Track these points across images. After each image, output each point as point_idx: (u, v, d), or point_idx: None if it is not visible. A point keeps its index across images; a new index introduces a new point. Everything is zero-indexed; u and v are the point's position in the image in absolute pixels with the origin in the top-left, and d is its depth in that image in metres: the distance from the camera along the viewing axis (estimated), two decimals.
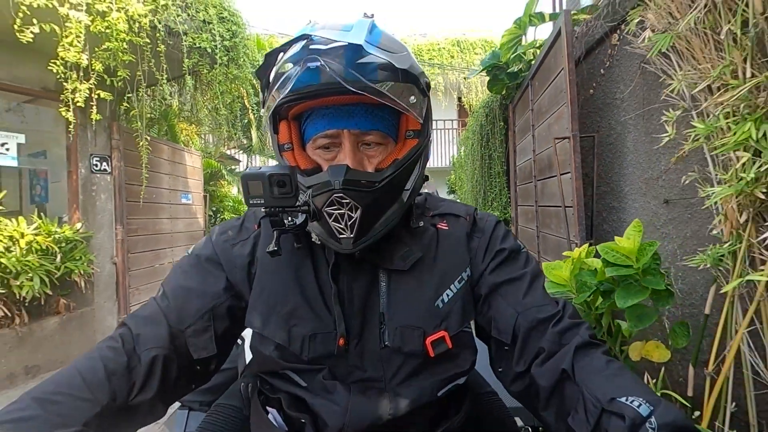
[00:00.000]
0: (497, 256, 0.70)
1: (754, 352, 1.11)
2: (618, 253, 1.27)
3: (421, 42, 11.05)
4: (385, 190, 0.61)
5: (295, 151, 0.67)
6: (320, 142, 0.64)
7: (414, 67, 0.61)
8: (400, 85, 0.59)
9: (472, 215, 0.75)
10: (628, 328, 1.27)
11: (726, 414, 1.14)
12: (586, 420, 0.51)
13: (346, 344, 0.64)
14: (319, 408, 0.63)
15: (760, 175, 1.00)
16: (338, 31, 0.60)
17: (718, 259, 1.14)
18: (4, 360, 3.12)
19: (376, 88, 0.57)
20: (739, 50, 1.07)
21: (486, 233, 0.73)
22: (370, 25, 0.63)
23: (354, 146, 0.63)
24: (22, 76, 3.48)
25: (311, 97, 0.61)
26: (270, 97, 0.62)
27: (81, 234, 3.67)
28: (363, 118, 0.63)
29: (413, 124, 0.66)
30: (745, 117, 1.05)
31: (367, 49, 0.57)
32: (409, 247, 0.68)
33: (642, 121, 1.80)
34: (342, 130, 0.63)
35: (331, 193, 0.58)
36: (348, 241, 0.61)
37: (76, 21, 2.81)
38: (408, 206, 0.67)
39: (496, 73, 3.41)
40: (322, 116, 0.64)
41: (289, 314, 0.65)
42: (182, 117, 5.52)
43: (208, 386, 0.89)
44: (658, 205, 1.71)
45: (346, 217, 0.60)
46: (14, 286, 2.99)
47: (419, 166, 0.66)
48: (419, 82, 0.62)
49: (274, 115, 0.66)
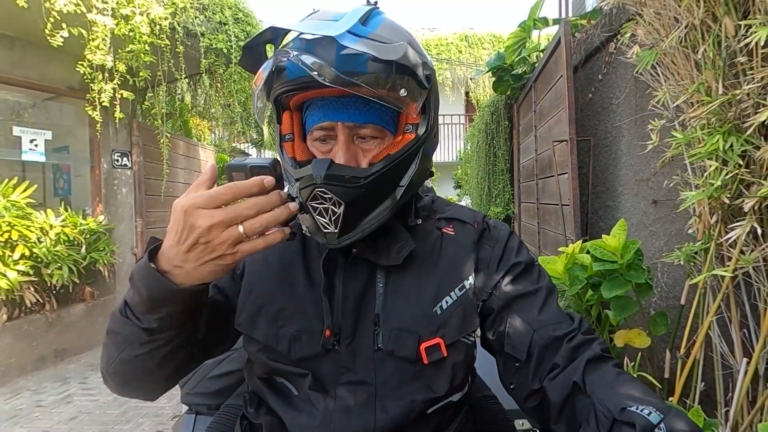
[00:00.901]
0: (513, 269, 0.67)
1: (721, 339, 1.25)
2: (604, 250, 1.41)
3: (429, 37, 11.12)
4: (373, 186, 0.59)
5: (295, 142, 0.66)
6: (316, 134, 0.63)
7: (408, 58, 0.57)
8: (387, 78, 0.56)
9: (482, 222, 0.72)
10: (613, 316, 1.42)
11: (696, 392, 1.28)
12: (598, 431, 0.51)
13: (336, 340, 0.63)
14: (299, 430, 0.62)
15: (726, 182, 1.13)
16: (326, 21, 0.58)
17: (691, 256, 1.28)
18: (35, 343, 3.33)
19: (350, 80, 0.54)
20: (712, 70, 1.20)
21: (500, 243, 0.70)
22: (366, 13, 0.60)
23: (348, 139, 0.61)
24: (49, 75, 3.66)
25: (302, 89, 0.60)
26: (257, 80, 0.61)
27: (104, 226, 3.87)
28: (357, 110, 0.61)
29: (412, 117, 0.62)
30: (716, 129, 1.18)
31: (347, 40, 0.54)
32: (404, 242, 0.65)
33: (635, 127, 1.93)
34: (336, 123, 0.61)
35: (314, 187, 0.57)
36: (333, 236, 0.59)
37: (102, 25, 2.97)
38: (405, 203, 0.65)
39: (501, 74, 3.53)
40: (318, 107, 0.62)
41: (276, 314, 0.64)
42: (195, 112, 5.70)
43: (216, 389, 0.92)
44: (648, 205, 1.84)
45: (330, 212, 0.58)
46: (45, 275, 3.20)
47: (417, 162, 0.63)
48: (416, 73, 0.58)
49: (277, 105, 0.65)
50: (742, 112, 1.13)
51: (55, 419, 2.68)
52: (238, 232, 0.49)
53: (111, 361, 0.59)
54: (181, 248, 0.49)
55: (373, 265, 0.65)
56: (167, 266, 0.52)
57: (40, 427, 2.59)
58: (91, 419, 2.68)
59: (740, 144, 1.10)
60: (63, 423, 2.63)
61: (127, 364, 0.58)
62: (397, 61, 0.56)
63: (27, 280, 3.08)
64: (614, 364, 0.59)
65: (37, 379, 3.25)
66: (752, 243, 1.15)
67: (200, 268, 0.51)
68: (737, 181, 1.14)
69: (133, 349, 0.56)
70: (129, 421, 2.65)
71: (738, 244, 1.13)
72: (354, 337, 0.63)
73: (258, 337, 0.64)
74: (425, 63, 0.61)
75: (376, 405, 0.61)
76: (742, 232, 1.06)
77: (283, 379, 0.65)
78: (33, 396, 2.99)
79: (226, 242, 0.49)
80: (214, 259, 0.50)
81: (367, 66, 0.55)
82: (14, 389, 3.08)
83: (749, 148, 1.09)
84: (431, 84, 0.62)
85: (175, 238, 0.50)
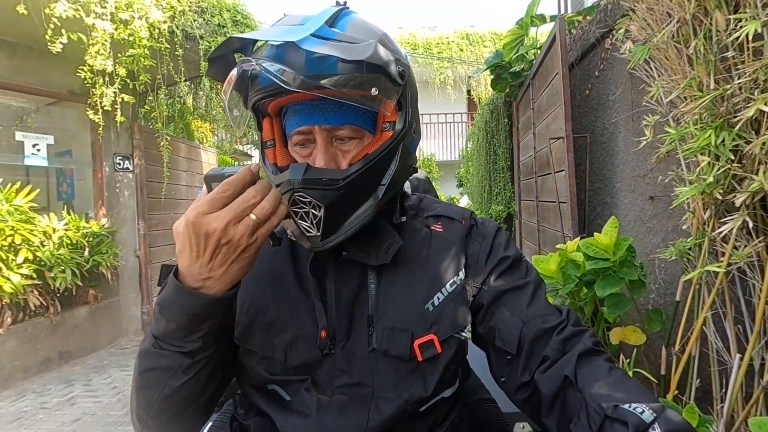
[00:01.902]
0: (500, 264, 0.68)
1: (716, 335, 1.25)
2: (597, 248, 1.41)
3: (431, 35, 11.08)
4: (352, 188, 0.59)
5: (277, 147, 0.66)
6: (295, 138, 0.63)
7: (378, 56, 0.56)
8: (357, 78, 0.55)
9: (469, 219, 0.73)
10: (607, 313, 1.41)
11: (692, 389, 1.27)
12: (589, 427, 0.50)
13: (332, 343, 0.62)
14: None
15: (718, 177, 1.13)
16: (291, 26, 0.58)
17: (685, 252, 1.27)
18: (40, 346, 3.36)
19: (316, 84, 0.54)
20: (704, 65, 1.19)
21: (487, 239, 0.71)
22: (334, 14, 0.60)
23: (326, 142, 0.61)
24: (51, 80, 3.69)
25: (275, 95, 0.60)
26: (226, 87, 0.61)
27: (106, 229, 3.90)
28: (333, 112, 0.60)
29: (388, 115, 0.62)
30: (708, 124, 1.17)
31: (310, 44, 0.54)
32: (391, 240, 0.66)
33: (631, 123, 1.92)
34: (313, 126, 0.61)
35: (292, 192, 0.57)
36: (316, 239, 0.60)
37: (102, 30, 3.00)
38: (388, 201, 0.65)
39: (499, 72, 3.52)
40: (295, 112, 0.62)
41: (269, 324, 0.64)
42: (196, 115, 5.73)
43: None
44: (645, 201, 1.83)
45: (311, 215, 0.58)
46: (48, 278, 3.23)
47: (397, 160, 0.62)
48: (387, 70, 0.58)
49: (256, 112, 0.65)
50: (734, 106, 1.13)
51: (59, 421, 2.70)
52: (251, 220, 0.51)
53: (152, 403, 0.58)
54: (203, 260, 0.51)
55: (364, 266, 0.65)
56: (196, 283, 0.53)
57: (45, 429, 2.61)
58: (95, 421, 2.70)
59: (732, 139, 1.10)
60: (67, 425, 2.66)
61: (171, 398, 0.57)
62: (366, 61, 0.55)
63: (31, 284, 3.11)
64: (606, 358, 0.59)
65: (42, 382, 3.28)
66: (746, 238, 1.14)
67: (229, 270, 0.52)
68: (729, 177, 1.13)
69: (177, 380, 0.56)
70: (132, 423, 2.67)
71: (731, 240, 1.12)
72: (348, 339, 0.63)
73: (253, 349, 0.64)
74: (398, 59, 0.60)
75: (371, 405, 0.61)
76: (734, 226, 1.06)
77: (276, 385, 0.65)
78: (37, 398, 3.02)
79: (245, 234, 0.50)
80: (240, 255, 0.52)
81: (337, 68, 0.55)
82: (19, 391, 3.12)
83: (741, 142, 1.09)
84: (405, 80, 0.61)
85: (192, 255, 0.51)
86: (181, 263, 0.52)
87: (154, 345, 0.55)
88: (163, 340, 0.55)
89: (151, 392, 0.57)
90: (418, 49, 10.32)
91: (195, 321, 0.53)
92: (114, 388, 3.20)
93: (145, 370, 0.57)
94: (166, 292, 0.54)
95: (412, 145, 0.66)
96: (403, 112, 0.63)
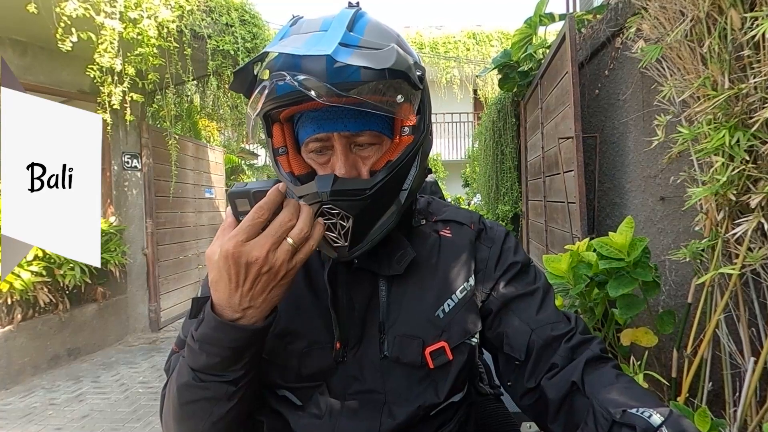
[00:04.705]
0: (509, 270, 0.68)
1: (729, 338, 1.23)
2: (611, 248, 1.39)
3: (437, 35, 11.06)
4: (378, 196, 0.58)
5: (290, 155, 0.64)
6: (312, 146, 0.62)
7: (401, 62, 0.55)
8: (381, 85, 0.55)
9: (478, 223, 0.73)
10: (619, 315, 1.40)
11: (704, 392, 1.26)
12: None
13: (344, 351, 0.62)
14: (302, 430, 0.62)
15: (732, 178, 1.11)
16: (313, 33, 0.56)
17: (698, 253, 1.26)
18: (49, 343, 3.40)
19: (346, 95, 0.53)
20: (718, 64, 1.17)
21: (497, 244, 0.70)
22: (352, 17, 0.59)
23: (346, 149, 0.60)
24: (61, 79, 3.72)
25: (294, 103, 0.58)
26: (253, 103, 0.59)
27: (115, 227, 3.93)
28: (352, 119, 0.59)
29: (409, 120, 0.62)
30: (722, 124, 1.16)
31: (341, 54, 0.52)
32: (404, 250, 0.65)
33: (642, 122, 1.90)
34: (332, 133, 0.59)
35: (320, 204, 0.56)
36: (343, 250, 0.59)
37: (111, 29, 3.02)
38: (408, 206, 0.65)
39: (507, 71, 3.50)
40: (311, 119, 0.61)
41: (282, 332, 0.63)
42: (204, 114, 5.75)
43: None
44: (655, 201, 1.81)
45: (339, 226, 0.58)
46: (58, 275, 3.26)
47: (417, 164, 0.62)
48: (409, 75, 0.57)
49: (266, 118, 0.64)
50: (749, 106, 1.11)
51: (67, 417, 2.73)
52: (288, 245, 0.50)
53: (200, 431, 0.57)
54: (243, 290, 0.50)
55: (375, 274, 0.65)
56: (235, 314, 0.52)
57: (53, 425, 2.64)
58: (103, 417, 2.73)
59: (747, 139, 1.08)
60: (75, 421, 2.68)
61: (219, 424, 0.56)
62: (392, 68, 0.54)
63: (40, 281, 3.14)
64: (613, 365, 0.59)
65: (51, 378, 3.31)
66: (760, 240, 1.13)
67: (269, 297, 0.52)
68: (744, 177, 1.11)
69: (222, 407, 0.55)
70: (140, 419, 2.69)
71: (745, 241, 1.11)
72: (360, 347, 0.63)
73: (267, 357, 0.63)
74: (416, 63, 0.60)
75: (383, 411, 0.61)
76: (749, 227, 1.04)
77: (288, 391, 0.65)
78: (46, 394, 3.05)
79: (285, 260, 0.50)
80: (279, 281, 0.51)
81: (360, 74, 0.54)
82: (28, 388, 3.15)
83: (756, 143, 1.07)
84: (424, 84, 0.61)
85: (231, 285, 0.50)
86: (218, 294, 0.51)
87: (194, 378, 0.54)
88: (204, 372, 0.54)
89: (195, 422, 0.57)
90: (424, 48, 10.30)
91: (239, 353, 0.53)
92: (122, 385, 3.23)
93: (187, 402, 0.56)
94: (206, 327, 0.52)
95: (428, 148, 0.66)
96: (422, 116, 0.62)
